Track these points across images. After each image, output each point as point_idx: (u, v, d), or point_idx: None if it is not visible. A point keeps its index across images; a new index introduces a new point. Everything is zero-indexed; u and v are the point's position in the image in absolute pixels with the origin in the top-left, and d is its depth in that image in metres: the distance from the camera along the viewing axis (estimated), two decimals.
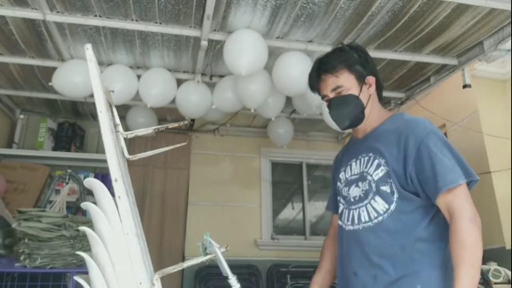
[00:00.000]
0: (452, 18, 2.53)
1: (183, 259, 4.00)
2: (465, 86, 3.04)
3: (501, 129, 3.94)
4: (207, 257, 1.10)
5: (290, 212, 4.72)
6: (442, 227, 1.33)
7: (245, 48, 2.53)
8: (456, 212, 1.24)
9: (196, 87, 3.15)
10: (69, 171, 2.97)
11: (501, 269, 3.39)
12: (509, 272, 3.39)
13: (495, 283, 3.29)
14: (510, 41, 2.65)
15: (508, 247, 3.61)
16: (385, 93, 3.57)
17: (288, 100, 3.32)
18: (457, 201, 1.25)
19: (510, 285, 3.34)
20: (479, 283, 3.23)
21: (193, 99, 3.13)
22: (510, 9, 2.38)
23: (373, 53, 2.93)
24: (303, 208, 4.61)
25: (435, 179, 1.26)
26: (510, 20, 2.53)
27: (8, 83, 3.40)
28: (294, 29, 2.66)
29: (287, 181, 4.88)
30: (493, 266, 3.42)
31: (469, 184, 1.30)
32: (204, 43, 2.64)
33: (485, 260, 3.61)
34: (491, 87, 4.21)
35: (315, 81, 1.51)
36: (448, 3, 2.37)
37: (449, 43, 2.83)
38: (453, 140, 4.43)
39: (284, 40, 2.78)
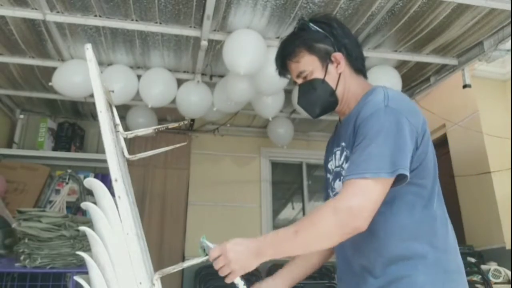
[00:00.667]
0: (452, 18, 2.53)
1: (183, 259, 4.00)
2: (465, 86, 3.04)
3: (501, 129, 3.94)
4: (207, 257, 1.10)
5: (290, 212, 4.72)
6: (432, 224, 1.18)
7: (244, 48, 2.54)
8: (337, 196, 1.10)
9: (196, 87, 3.15)
10: (69, 171, 2.98)
11: (501, 269, 3.39)
12: (509, 272, 3.39)
13: (495, 283, 3.29)
14: (510, 41, 2.66)
15: (508, 247, 3.61)
16: None
17: (288, 100, 3.32)
18: (347, 190, 1.08)
19: (510, 285, 3.34)
20: (479, 283, 3.25)
21: (193, 99, 3.13)
22: (510, 9, 2.38)
23: (373, 53, 2.94)
24: (303, 208, 4.61)
25: (349, 163, 1.14)
26: (510, 20, 2.53)
27: (8, 83, 3.40)
28: None
29: (287, 181, 4.88)
30: (493, 266, 3.42)
31: (401, 180, 1.10)
32: (204, 43, 2.64)
33: (485, 260, 3.61)
34: (491, 87, 4.22)
35: (280, 68, 1.38)
36: (448, 3, 2.37)
37: (449, 43, 2.83)
38: (453, 140, 4.44)
39: None
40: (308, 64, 1.29)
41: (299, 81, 1.33)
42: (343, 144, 1.27)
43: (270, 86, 2.81)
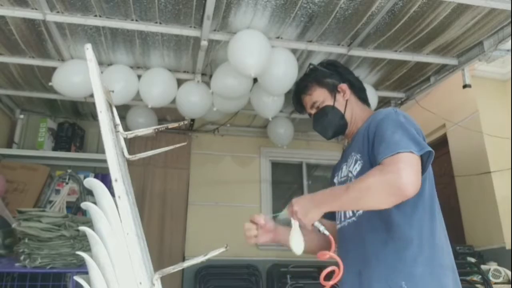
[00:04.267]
0: (452, 18, 2.53)
1: (183, 259, 4.00)
2: (465, 86, 3.04)
3: (501, 129, 3.94)
4: (207, 256, 1.10)
5: None
6: (428, 221, 1.29)
7: (250, 49, 2.53)
8: (380, 164, 1.21)
9: (196, 87, 3.15)
10: (69, 171, 2.97)
11: (501, 269, 3.39)
12: (509, 272, 3.39)
13: (495, 283, 3.29)
14: (510, 41, 2.66)
15: (508, 247, 3.61)
16: (385, 93, 3.60)
17: (288, 100, 3.32)
18: (388, 162, 1.19)
19: (510, 285, 3.34)
20: (479, 283, 3.25)
21: (193, 99, 3.13)
22: (510, 9, 2.38)
23: (373, 53, 2.94)
24: None
25: (378, 152, 1.25)
26: (510, 20, 2.53)
27: (8, 83, 3.40)
28: (294, 29, 2.66)
29: (287, 181, 4.88)
30: (493, 266, 3.42)
31: (427, 160, 1.24)
32: (204, 43, 2.64)
33: (485, 260, 3.61)
34: (491, 87, 4.22)
35: (296, 104, 1.65)
36: (448, 3, 2.37)
37: (449, 43, 2.83)
38: (453, 140, 4.44)
39: (284, 40, 2.78)
40: (319, 95, 1.56)
41: (313, 111, 1.59)
42: (353, 153, 1.44)
43: (276, 87, 2.81)
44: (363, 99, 1.60)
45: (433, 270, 1.24)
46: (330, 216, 1.59)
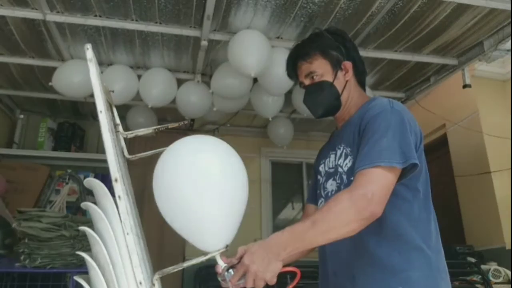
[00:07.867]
0: (452, 18, 2.53)
1: (183, 259, 3.99)
2: (465, 86, 3.04)
3: (501, 129, 3.94)
4: (207, 257, 1.10)
5: (290, 212, 4.72)
6: (424, 222, 1.24)
7: (251, 49, 2.53)
8: (351, 185, 1.13)
9: (196, 87, 3.15)
10: (69, 171, 2.97)
11: (501, 269, 3.39)
12: (509, 272, 3.39)
13: (495, 283, 3.29)
14: (510, 41, 2.66)
15: (508, 247, 3.61)
16: (385, 93, 3.60)
17: (288, 100, 3.32)
18: (361, 178, 1.11)
19: (510, 285, 3.34)
20: (479, 283, 3.25)
21: (193, 99, 3.13)
22: (510, 9, 2.38)
23: (373, 53, 2.94)
24: (303, 208, 4.59)
25: (360, 156, 1.17)
26: (510, 20, 2.53)
27: (8, 83, 3.40)
28: (294, 29, 2.66)
29: (287, 181, 4.88)
30: (493, 266, 3.42)
31: (410, 169, 1.17)
32: (204, 43, 2.64)
33: (485, 260, 3.61)
34: (491, 87, 4.22)
35: (291, 68, 1.48)
36: (448, 3, 2.38)
37: (449, 43, 2.83)
38: (453, 140, 4.44)
39: (284, 40, 2.78)
40: (320, 67, 1.39)
41: (307, 81, 1.42)
42: (343, 145, 1.33)
43: (277, 86, 2.81)
44: (362, 82, 1.46)
45: (431, 274, 1.19)
46: (314, 199, 1.49)
